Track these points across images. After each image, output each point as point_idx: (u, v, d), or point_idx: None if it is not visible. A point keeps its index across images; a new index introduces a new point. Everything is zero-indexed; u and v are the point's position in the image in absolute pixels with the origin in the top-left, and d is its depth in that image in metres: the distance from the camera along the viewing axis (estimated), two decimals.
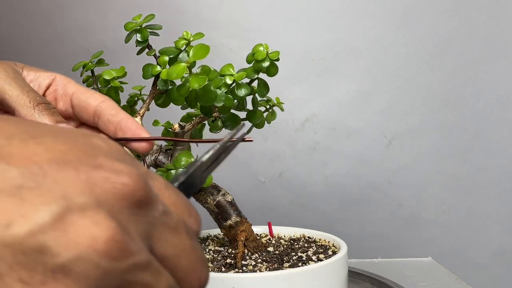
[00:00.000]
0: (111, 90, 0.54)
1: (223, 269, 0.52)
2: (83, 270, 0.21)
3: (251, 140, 0.43)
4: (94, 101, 0.45)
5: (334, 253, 0.55)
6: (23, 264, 0.20)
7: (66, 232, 0.21)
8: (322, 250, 0.56)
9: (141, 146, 0.44)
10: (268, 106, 0.60)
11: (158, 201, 0.24)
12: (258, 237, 0.60)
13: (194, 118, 0.57)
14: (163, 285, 0.23)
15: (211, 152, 0.36)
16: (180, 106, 0.57)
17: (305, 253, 0.56)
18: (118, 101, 0.54)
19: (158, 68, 0.52)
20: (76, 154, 0.23)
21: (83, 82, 0.55)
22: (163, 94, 0.54)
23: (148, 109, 0.53)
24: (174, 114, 0.61)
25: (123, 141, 0.45)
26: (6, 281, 0.20)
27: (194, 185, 0.34)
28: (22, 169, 0.21)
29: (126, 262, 0.22)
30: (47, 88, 0.47)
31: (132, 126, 0.44)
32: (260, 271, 0.50)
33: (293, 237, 0.62)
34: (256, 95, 0.57)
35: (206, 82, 0.49)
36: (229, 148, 0.39)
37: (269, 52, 0.54)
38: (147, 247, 0.23)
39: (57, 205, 0.21)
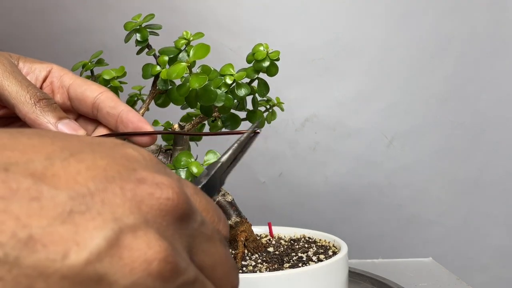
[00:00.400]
0: (111, 90, 0.54)
1: None
2: None
3: (258, 133, 0.42)
4: (91, 93, 0.44)
5: (335, 253, 0.55)
6: None
7: (121, 257, 0.20)
8: (322, 251, 0.56)
9: (143, 140, 0.43)
10: (268, 106, 0.60)
11: (197, 212, 0.23)
12: (258, 238, 0.60)
13: (194, 118, 0.57)
14: None
15: (229, 152, 0.36)
16: (180, 106, 0.57)
17: (305, 254, 0.55)
18: None
19: (158, 68, 0.51)
20: (117, 169, 0.22)
21: None
22: (163, 94, 0.54)
23: (148, 109, 0.53)
24: (174, 114, 0.61)
25: (126, 136, 0.44)
26: None
27: (215, 187, 0.33)
28: (70, 192, 0.20)
29: (178, 281, 0.21)
30: (44, 80, 0.45)
31: (133, 119, 0.43)
32: (260, 271, 0.50)
33: (293, 238, 0.62)
34: (256, 95, 0.57)
35: (206, 82, 0.49)
36: (246, 146, 0.38)
37: (269, 52, 0.54)
38: (190, 259, 0.23)
39: (109, 228, 0.20)
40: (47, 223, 0.19)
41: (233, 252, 0.56)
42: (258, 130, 0.41)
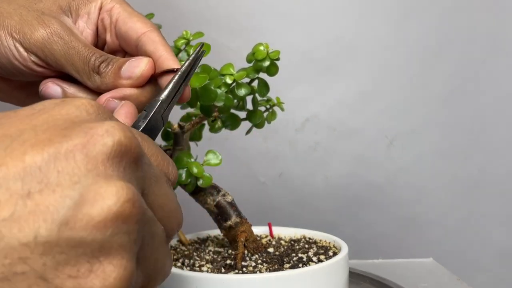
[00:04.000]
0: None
1: (223, 270, 0.51)
2: (119, 243, 0.21)
3: (204, 51, 0.40)
4: (135, 33, 0.40)
5: (335, 254, 0.55)
6: (66, 261, 0.21)
7: (92, 216, 0.21)
8: (322, 251, 0.56)
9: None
10: (268, 106, 0.60)
11: (145, 154, 0.25)
12: (258, 238, 0.60)
13: (193, 118, 0.56)
14: (160, 230, 0.25)
15: (170, 87, 0.36)
16: (180, 105, 0.57)
17: (306, 254, 0.55)
18: None
19: None
20: (62, 134, 0.22)
21: None
22: None
23: None
24: (173, 114, 0.61)
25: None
26: (55, 283, 0.21)
27: (157, 127, 0.33)
28: (22, 175, 0.21)
29: (143, 221, 0.23)
30: (98, 19, 0.42)
31: (167, 68, 0.39)
32: (260, 272, 0.50)
33: (293, 238, 0.62)
34: (256, 94, 0.56)
35: (207, 81, 0.49)
36: (188, 76, 0.37)
37: (270, 51, 0.54)
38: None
39: (71, 195, 0.21)
40: (9, 213, 0.20)
41: (233, 252, 0.56)
42: (201, 50, 0.39)
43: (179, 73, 0.36)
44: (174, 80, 0.36)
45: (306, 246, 0.58)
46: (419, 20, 0.97)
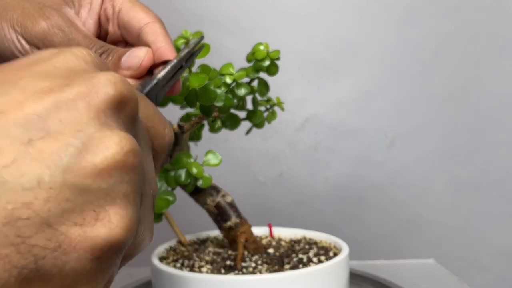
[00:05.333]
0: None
1: (223, 271, 0.51)
2: (123, 192, 0.21)
3: (202, 47, 0.40)
4: (137, 23, 0.40)
5: (335, 254, 0.54)
6: (71, 209, 0.20)
7: (95, 164, 0.21)
8: (323, 252, 0.56)
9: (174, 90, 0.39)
10: (268, 106, 0.59)
11: (139, 114, 0.25)
12: (258, 239, 0.60)
13: (193, 118, 0.56)
14: (150, 192, 0.25)
15: (168, 68, 0.35)
16: (180, 105, 0.56)
17: (306, 255, 0.55)
18: None
19: None
20: (62, 83, 0.22)
21: None
22: None
23: None
24: (173, 114, 0.61)
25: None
26: (61, 230, 0.20)
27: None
28: (22, 123, 0.20)
29: (143, 174, 0.23)
30: (100, 8, 0.42)
31: (165, 58, 0.39)
32: (260, 273, 0.50)
33: (293, 239, 0.62)
34: (256, 94, 0.56)
35: (206, 82, 0.48)
36: (187, 63, 0.37)
37: (270, 51, 0.54)
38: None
39: (73, 144, 0.21)
40: (10, 160, 0.20)
41: (233, 253, 0.56)
42: (201, 44, 0.40)
43: (177, 59, 0.36)
44: (173, 64, 0.36)
45: (307, 246, 0.58)
46: (420, 20, 0.97)
